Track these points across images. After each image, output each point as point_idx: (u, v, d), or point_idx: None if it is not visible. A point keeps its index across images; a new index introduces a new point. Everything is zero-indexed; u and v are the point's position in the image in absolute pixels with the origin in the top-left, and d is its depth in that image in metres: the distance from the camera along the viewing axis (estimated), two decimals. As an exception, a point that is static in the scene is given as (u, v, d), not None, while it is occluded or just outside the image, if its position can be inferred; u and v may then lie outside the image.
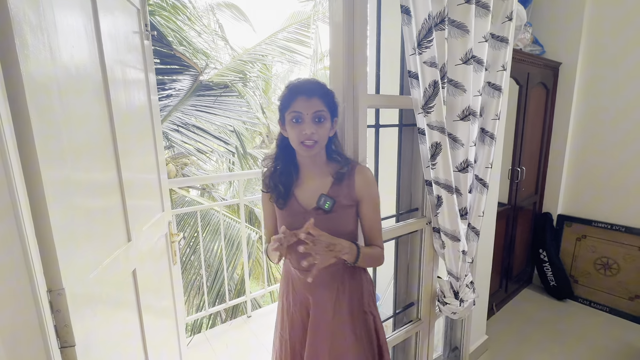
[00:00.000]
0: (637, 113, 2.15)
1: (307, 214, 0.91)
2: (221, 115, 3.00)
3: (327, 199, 0.90)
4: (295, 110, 0.85)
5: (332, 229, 0.87)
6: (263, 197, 1.02)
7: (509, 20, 1.36)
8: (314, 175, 0.94)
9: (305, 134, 0.84)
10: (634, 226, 2.23)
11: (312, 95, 0.85)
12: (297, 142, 0.86)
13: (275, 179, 0.94)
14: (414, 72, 1.13)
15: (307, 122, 0.85)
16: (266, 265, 2.61)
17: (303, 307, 1.00)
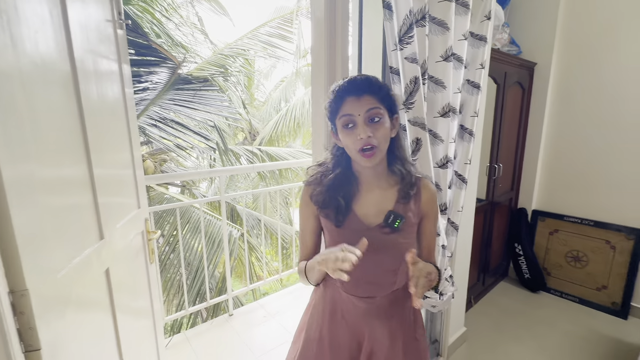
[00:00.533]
0: (606, 113, 2.26)
1: (369, 232, 0.79)
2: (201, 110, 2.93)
3: (398, 217, 0.79)
4: (346, 114, 0.74)
5: (398, 250, 0.80)
6: (303, 211, 0.88)
7: (487, 20, 1.39)
8: (373, 187, 0.83)
9: (361, 139, 0.73)
10: (602, 220, 2.35)
11: (362, 93, 0.74)
12: (355, 150, 0.75)
13: (332, 192, 0.81)
14: (396, 68, 1.14)
15: (361, 124, 0.73)
16: (248, 263, 2.58)
17: (354, 340, 0.87)
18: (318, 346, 0.89)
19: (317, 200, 0.84)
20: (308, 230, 0.90)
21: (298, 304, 2.56)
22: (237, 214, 4.14)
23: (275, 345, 2.01)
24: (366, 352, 0.86)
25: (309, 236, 0.90)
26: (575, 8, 2.30)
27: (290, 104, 6.87)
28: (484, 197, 2.33)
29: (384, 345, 0.86)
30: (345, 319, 0.88)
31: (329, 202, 0.82)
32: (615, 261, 2.30)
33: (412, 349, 0.89)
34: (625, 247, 2.26)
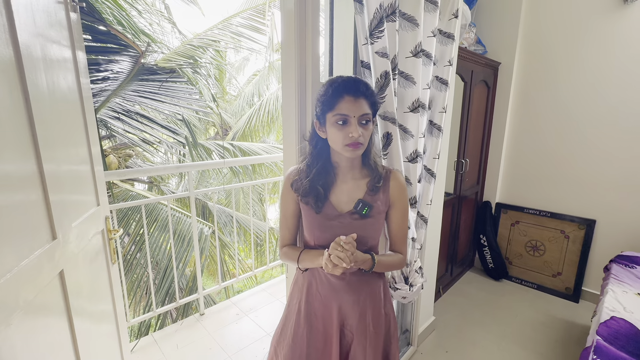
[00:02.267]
0: (561, 112, 2.41)
1: (341, 218, 0.91)
2: (169, 102, 2.79)
3: (366, 204, 0.89)
4: (342, 113, 0.82)
5: (364, 234, 0.90)
6: (285, 198, 0.98)
7: (454, 18, 1.42)
8: (348, 178, 0.93)
9: (352, 137, 0.81)
10: (557, 212, 2.51)
11: (359, 96, 0.82)
12: (342, 144, 0.83)
13: (314, 181, 0.90)
14: (367, 62, 1.14)
15: (354, 124, 0.82)
16: (220, 261, 2.52)
17: (327, 310, 0.98)
18: (296, 317, 1.00)
19: (298, 188, 0.93)
20: (289, 214, 0.99)
21: (272, 300, 2.54)
22: (209, 211, 4.02)
23: (248, 343, 1.99)
24: (338, 322, 0.97)
25: (290, 219, 1.00)
26: (535, 11, 2.42)
27: (263, 99, 6.75)
28: (452, 191, 2.42)
29: (354, 317, 0.97)
30: (320, 293, 0.98)
31: (310, 191, 0.91)
32: (569, 249, 2.47)
33: (380, 321, 1.00)
34: (577, 236, 2.43)
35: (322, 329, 0.98)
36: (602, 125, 2.25)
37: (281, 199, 0.99)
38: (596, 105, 2.26)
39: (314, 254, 0.92)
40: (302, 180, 0.93)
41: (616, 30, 2.12)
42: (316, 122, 0.89)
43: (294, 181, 0.95)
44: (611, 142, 2.23)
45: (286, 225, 1.01)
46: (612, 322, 1.29)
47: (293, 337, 0.99)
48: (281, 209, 1.00)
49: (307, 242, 0.99)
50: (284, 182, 0.98)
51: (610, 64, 2.17)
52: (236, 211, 5.01)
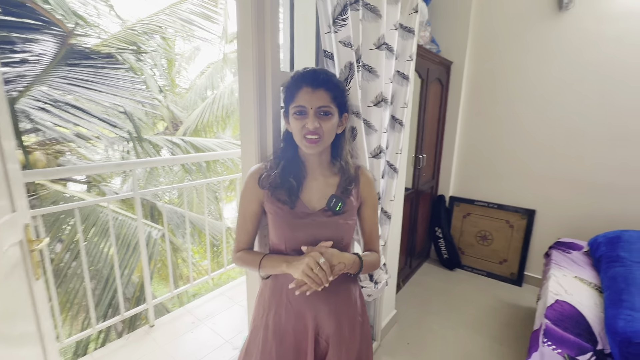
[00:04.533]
0: (509, 111, 2.57)
1: (314, 216, 0.85)
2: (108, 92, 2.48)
3: (339, 200, 0.85)
4: (299, 105, 0.79)
5: (339, 233, 0.86)
6: (246, 197, 0.90)
7: (415, 12, 1.42)
8: (317, 175, 0.89)
9: (307, 128, 0.79)
10: (503, 203, 2.70)
11: (317, 87, 0.79)
12: (300, 136, 0.80)
13: (285, 173, 0.85)
14: (330, 52, 1.08)
15: (311, 115, 0.79)
16: (171, 266, 2.32)
17: (300, 322, 0.90)
18: (264, 333, 0.91)
19: (268, 182, 0.86)
20: (250, 215, 0.90)
21: (231, 304, 2.41)
22: (159, 212, 3.72)
23: (206, 353, 1.85)
24: (313, 334, 0.89)
25: (250, 221, 0.91)
26: (483, 15, 2.56)
27: (217, 92, 6.42)
28: (411, 186, 2.48)
29: (329, 326, 0.89)
30: (291, 303, 0.89)
31: (281, 184, 0.84)
32: (513, 237, 2.67)
33: (356, 328, 0.94)
34: (520, 225, 2.64)
35: (293, 343, 0.90)
36: (543, 124, 2.44)
37: (241, 198, 0.91)
38: (537, 105, 2.44)
39: (278, 260, 0.85)
40: (270, 174, 0.86)
41: (553, 35, 2.30)
42: (283, 114, 0.88)
43: (261, 177, 0.88)
44: (550, 139, 2.43)
45: (244, 228, 0.92)
46: (557, 305, 1.38)
47: (261, 355, 0.90)
48: (240, 209, 0.91)
49: (275, 246, 0.91)
50: (246, 179, 0.90)
51: (548, 66, 2.35)
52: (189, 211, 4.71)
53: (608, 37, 2.11)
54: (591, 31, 2.17)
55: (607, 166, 2.24)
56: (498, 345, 1.97)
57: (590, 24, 2.17)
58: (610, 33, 2.11)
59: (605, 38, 2.13)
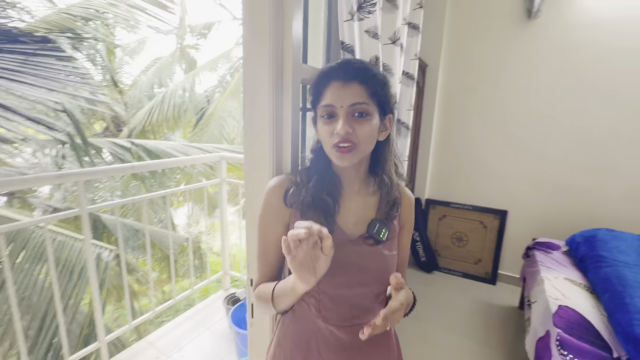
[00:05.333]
0: (482, 114, 2.63)
1: (353, 244, 0.68)
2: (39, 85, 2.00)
3: (383, 226, 0.69)
4: (327, 104, 0.62)
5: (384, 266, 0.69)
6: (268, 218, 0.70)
7: (419, 8, 1.32)
8: (354, 193, 0.71)
9: (337, 134, 0.60)
10: (478, 205, 2.76)
11: (349, 79, 0.61)
12: (330, 144, 0.63)
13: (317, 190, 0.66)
14: (349, 43, 0.92)
15: (342, 117, 0.61)
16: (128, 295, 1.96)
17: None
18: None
19: (299, 199, 0.67)
20: (273, 242, 0.70)
21: (201, 330, 2.12)
22: (104, 227, 3.22)
23: (179, 397, 1.57)
24: None
25: (273, 250, 0.71)
26: (457, 20, 2.59)
27: (168, 89, 5.86)
28: (393, 190, 2.40)
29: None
30: (322, 357, 0.71)
31: (315, 202, 0.66)
32: (487, 238, 2.75)
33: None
34: (493, 226, 2.72)
35: None
36: (514, 127, 2.53)
37: (261, 220, 0.71)
38: (509, 109, 2.53)
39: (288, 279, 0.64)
40: (301, 190, 0.67)
41: (523, 42, 2.39)
42: (312, 120, 0.70)
43: (288, 192, 0.68)
44: (520, 142, 2.53)
45: (265, 259, 0.72)
46: (562, 312, 1.38)
47: None
48: (260, 234, 0.72)
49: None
50: (266, 195, 0.70)
51: (520, 72, 2.44)
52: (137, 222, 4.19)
53: (574, 45, 2.24)
54: (558, 39, 2.29)
55: (574, 167, 2.38)
56: (489, 349, 1.97)
57: (557, 33, 2.28)
58: (576, 41, 2.24)
59: (571, 46, 2.25)
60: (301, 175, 0.70)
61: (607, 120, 2.24)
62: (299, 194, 0.67)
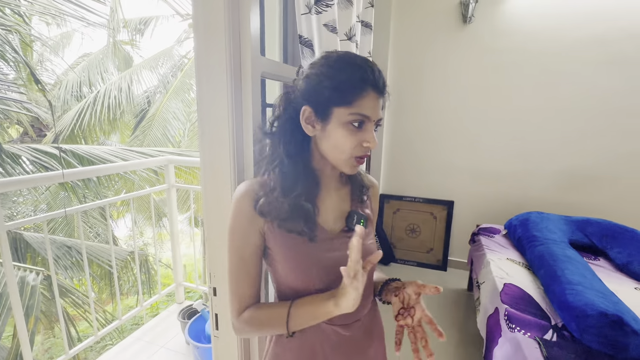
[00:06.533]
0: (428, 112, 2.80)
1: (336, 240, 0.65)
2: None
3: (361, 216, 0.67)
4: (363, 113, 0.57)
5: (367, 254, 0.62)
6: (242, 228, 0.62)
7: (370, 7, 1.35)
8: (331, 189, 0.69)
9: (366, 147, 0.60)
10: (428, 197, 2.93)
11: (382, 94, 0.59)
12: (349, 154, 0.59)
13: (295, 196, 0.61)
14: (307, 38, 0.90)
15: (371, 130, 0.59)
16: (64, 316, 1.73)
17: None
18: None
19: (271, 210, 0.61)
20: (251, 254, 0.64)
21: (155, 349, 1.95)
22: (28, 246, 2.81)
23: None
24: None
25: (253, 262, 0.64)
26: (401, 23, 2.72)
27: (101, 89, 5.32)
28: (350, 187, 2.44)
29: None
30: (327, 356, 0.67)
31: (294, 211, 0.61)
32: (437, 228, 2.93)
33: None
34: (442, 216, 2.91)
35: None
36: (456, 122, 2.73)
37: (234, 231, 0.63)
38: (448, 106, 2.72)
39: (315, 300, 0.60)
40: (273, 198, 0.61)
41: (462, 44, 2.59)
42: (306, 110, 0.60)
43: (259, 201, 0.62)
44: (461, 136, 2.74)
45: (246, 274, 0.64)
46: (507, 289, 1.51)
47: None
48: (234, 250, 0.64)
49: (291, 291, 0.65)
50: (235, 205, 0.63)
51: (459, 71, 2.64)
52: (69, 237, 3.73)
53: (502, 48, 2.49)
54: (489, 43, 2.52)
55: (507, 158, 2.64)
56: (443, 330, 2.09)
57: (488, 37, 2.51)
58: (504, 45, 2.48)
59: (500, 49, 2.50)
60: (270, 179, 0.63)
61: (533, 115, 2.52)
62: (273, 204, 0.61)
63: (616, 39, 2.26)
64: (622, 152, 2.37)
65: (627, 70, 2.27)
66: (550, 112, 2.49)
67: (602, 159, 2.43)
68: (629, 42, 2.24)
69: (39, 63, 5.95)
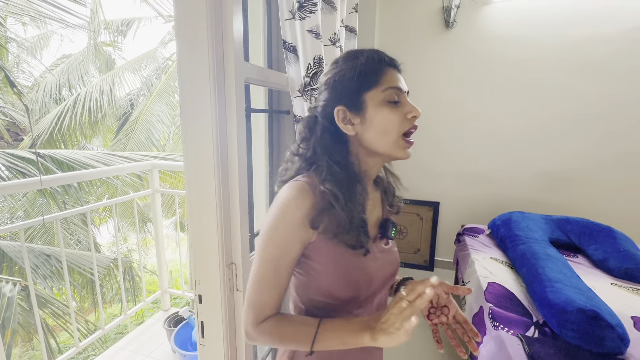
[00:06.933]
0: (410, 113, 2.84)
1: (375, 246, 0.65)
2: None
3: (394, 225, 0.67)
4: (394, 86, 0.59)
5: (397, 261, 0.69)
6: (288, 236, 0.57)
7: (354, 12, 1.36)
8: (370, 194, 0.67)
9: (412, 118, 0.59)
10: (414, 198, 2.97)
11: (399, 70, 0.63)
12: (397, 134, 0.58)
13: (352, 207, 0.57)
14: (291, 43, 0.90)
15: (407, 102, 0.60)
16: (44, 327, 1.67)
17: None
18: None
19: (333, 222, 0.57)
20: (287, 265, 0.58)
21: (140, 358, 1.90)
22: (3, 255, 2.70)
23: None
24: None
25: (287, 273, 0.59)
26: (385, 27, 2.76)
27: (81, 92, 5.18)
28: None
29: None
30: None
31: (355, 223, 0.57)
32: (424, 228, 2.97)
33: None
34: (428, 217, 2.95)
35: None
36: (441, 125, 2.78)
37: (275, 238, 0.57)
38: (436, 110, 2.77)
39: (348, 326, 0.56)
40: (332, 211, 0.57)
41: (444, 48, 2.65)
42: (340, 110, 0.59)
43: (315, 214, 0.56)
44: (447, 139, 2.79)
45: (277, 284, 0.58)
46: (491, 288, 1.54)
47: None
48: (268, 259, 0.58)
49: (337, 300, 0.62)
50: (284, 208, 0.57)
51: (440, 75, 2.70)
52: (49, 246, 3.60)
53: (482, 54, 2.55)
54: (470, 48, 2.58)
55: (489, 160, 2.70)
56: (432, 331, 2.12)
57: (469, 42, 2.58)
58: (484, 51, 2.55)
59: (480, 54, 2.56)
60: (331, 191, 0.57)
61: (514, 119, 2.60)
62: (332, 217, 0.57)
63: (589, 46, 2.36)
64: (597, 154, 2.47)
65: (599, 76, 2.37)
66: (529, 117, 2.57)
67: (579, 161, 2.52)
68: (600, 48, 2.34)
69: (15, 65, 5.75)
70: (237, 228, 0.77)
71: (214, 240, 0.75)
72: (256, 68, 0.82)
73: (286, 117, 1.13)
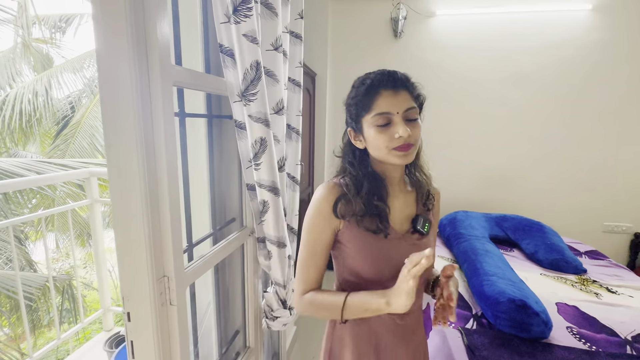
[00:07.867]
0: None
1: (404, 240, 0.75)
2: None
3: (426, 220, 0.77)
4: (382, 112, 0.67)
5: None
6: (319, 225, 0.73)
7: (300, 18, 1.38)
8: (397, 192, 0.78)
9: (400, 138, 0.66)
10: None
11: (399, 88, 0.68)
12: (386, 149, 0.68)
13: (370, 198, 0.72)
14: (228, 47, 0.89)
15: (399, 122, 0.67)
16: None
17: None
18: None
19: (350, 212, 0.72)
20: (322, 248, 0.75)
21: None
22: None
23: None
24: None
25: (322, 255, 0.75)
26: (338, 35, 2.82)
27: (10, 93, 4.68)
28: (293, 195, 2.44)
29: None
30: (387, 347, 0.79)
31: (369, 209, 0.71)
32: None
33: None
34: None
35: None
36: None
37: (311, 225, 0.74)
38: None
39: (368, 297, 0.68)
40: (352, 201, 0.71)
41: (394, 56, 2.77)
42: (350, 132, 0.77)
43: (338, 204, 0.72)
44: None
45: (315, 264, 0.75)
46: (437, 284, 1.62)
47: None
48: (308, 241, 0.75)
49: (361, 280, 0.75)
50: (317, 204, 0.73)
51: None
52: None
53: (428, 62, 2.71)
54: (417, 56, 2.73)
55: (437, 162, 2.86)
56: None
57: (416, 51, 2.73)
58: (429, 59, 2.71)
59: (427, 63, 2.72)
60: (348, 185, 0.73)
61: (456, 124, 2.78)
62: (351, 206, 0.71)
63: (517, 58, 2.60)
64: (529, 155, 2.72)
65: (526, 85, 2.63)
66: (469, 122, 2.77)
67: (513, 162, 2.76)
68: (525, 59, 2.59)
69: None
70: (167, 238, 0.73)
71: (141, 253, 0.70)
72: (188, 72, 0.79)
73: (229, 122, 1.10)
